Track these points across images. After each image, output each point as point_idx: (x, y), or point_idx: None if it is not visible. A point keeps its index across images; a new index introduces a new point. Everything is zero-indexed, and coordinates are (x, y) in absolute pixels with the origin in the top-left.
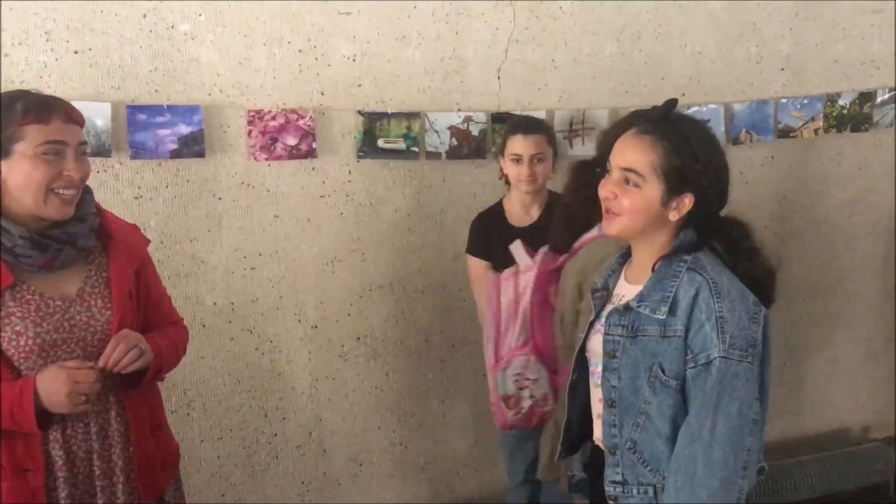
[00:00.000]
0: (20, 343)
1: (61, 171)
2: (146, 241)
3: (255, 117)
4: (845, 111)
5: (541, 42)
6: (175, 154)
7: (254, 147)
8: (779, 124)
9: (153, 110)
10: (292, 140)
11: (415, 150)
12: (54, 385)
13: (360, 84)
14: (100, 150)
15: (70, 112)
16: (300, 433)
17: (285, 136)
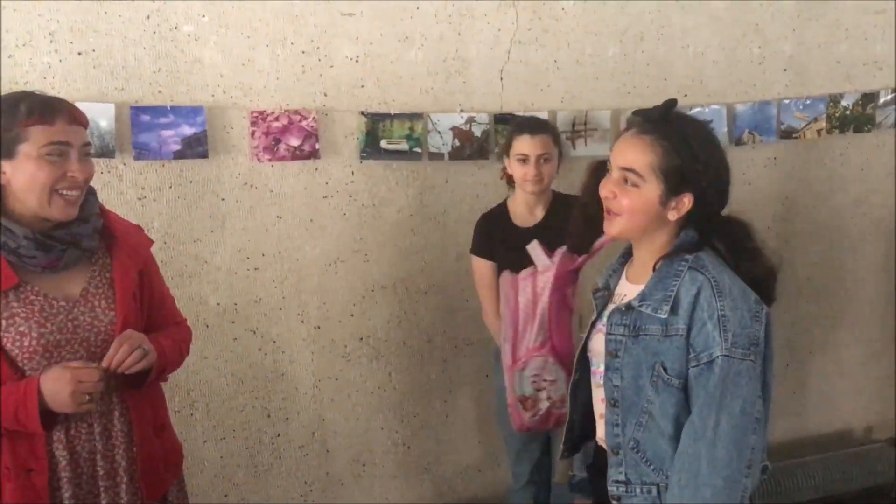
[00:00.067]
0: (24, 343)
1: (65, 172)
2: (150, 242)
3: (259, 118)
4: (848, 112)
5: (543, 43)
6: (178, 155)
7: (257, 148)
8: (781, 125)
9: (157, 111)
10: (295, 141)
11: (417, 150)
12: (58, 385)
13: (362, 85)
14: (103, 151)
15: (74, 113)
16: (303, 433)
17: (288, 137)
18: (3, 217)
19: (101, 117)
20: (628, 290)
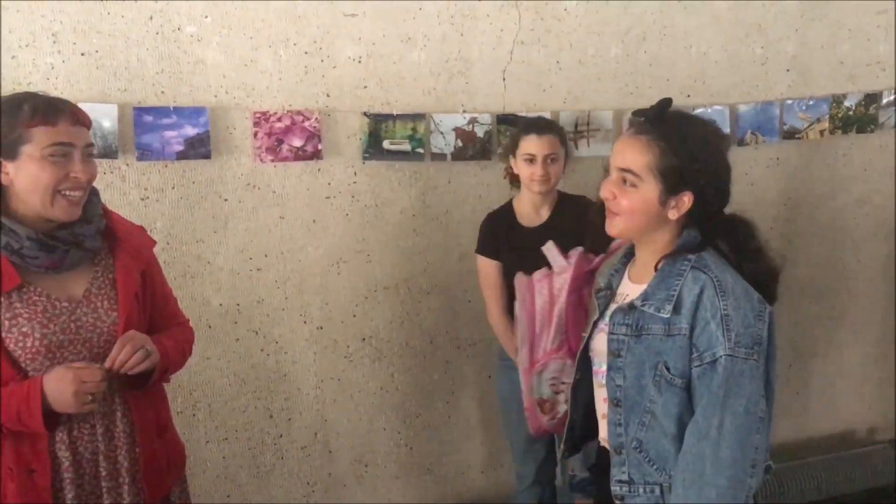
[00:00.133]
0: (27, 344)
1: (68, 172)
2: (152, 243)
3: (261, 119)
4: (851, 112)
5: (546, 43)
6: (181, 155)
7: (259, 148)
8: (784, 125)
9: (159, 112)
10: (298, 141)
11: (420, 151)
12: (61, 385)
13: (365, 86)
14: (106, 152)
15: (77, 114)
16: (305, 434)
17: (291, 138)
18: (6, 218)
19: (104, 118)
20: (631, 289)
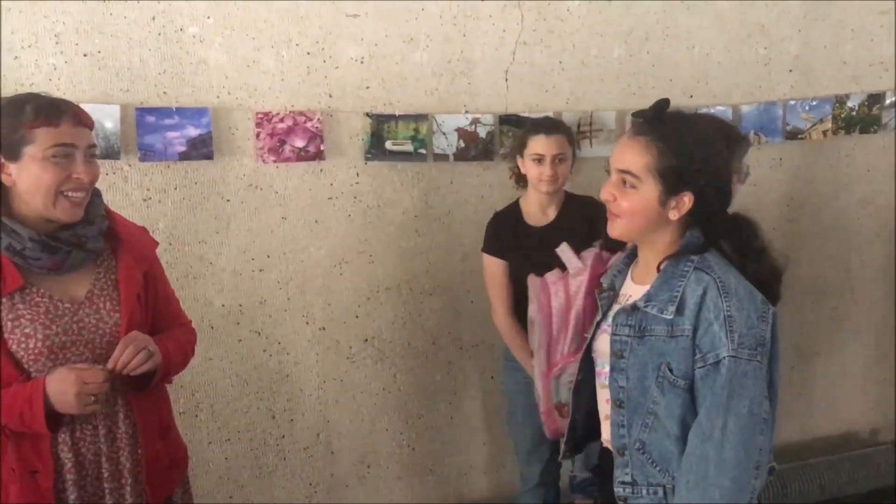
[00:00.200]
0: (29, 345)
1: (70, 173)
2: (155, 244)
3: (263, 119)
4: (854, 113)
5: (548, 44)
6: (183, 156)
7: (262, 149)
8: (787, 126)
9: (162, 112)
10: (300, 142)
11: (422, 151)
12: (63, 386)
13: (367, 86)
14: (109, 153)
15: (79, 115)
16: (308, 435)
17: (293, 138)
18: (9, 219)
19: (107, 119)
20: (633, 290)
